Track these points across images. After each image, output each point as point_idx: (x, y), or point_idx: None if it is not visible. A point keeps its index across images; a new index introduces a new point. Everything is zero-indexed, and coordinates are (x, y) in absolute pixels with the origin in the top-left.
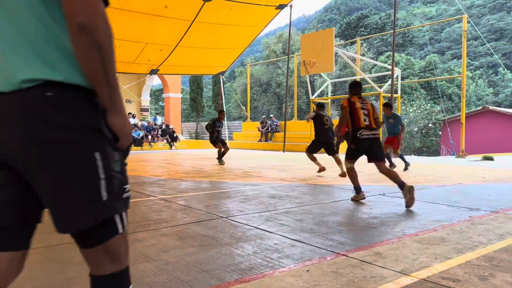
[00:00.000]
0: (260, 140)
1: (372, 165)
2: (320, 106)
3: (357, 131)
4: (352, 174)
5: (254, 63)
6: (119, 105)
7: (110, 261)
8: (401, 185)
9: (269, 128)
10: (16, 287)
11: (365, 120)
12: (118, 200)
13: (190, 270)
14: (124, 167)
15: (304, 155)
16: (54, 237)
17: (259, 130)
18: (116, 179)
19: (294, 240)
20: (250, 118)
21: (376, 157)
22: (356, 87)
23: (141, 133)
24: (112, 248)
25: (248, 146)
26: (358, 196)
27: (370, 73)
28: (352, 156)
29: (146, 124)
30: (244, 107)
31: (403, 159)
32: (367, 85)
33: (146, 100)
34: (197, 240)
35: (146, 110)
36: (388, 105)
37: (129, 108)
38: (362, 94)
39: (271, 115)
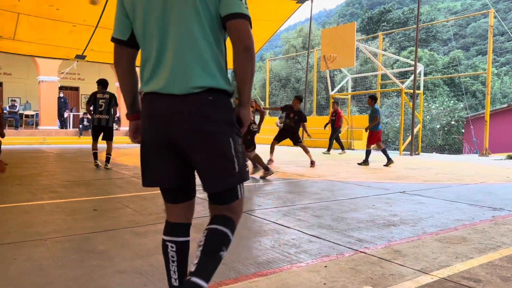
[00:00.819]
0: None
1: (393, 164)
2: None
3: (250, 125)
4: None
5: (273, 57)
6: (250, 102)
7: (231, 212)
8: (265, 168)
9: None
10: (40, 274)
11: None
12: (243, 172)
13: None
14: (242, 149)
15: (320, 150)
16: (76, 227)
17: (277, 126)
18: (240, 157)
19: (312, 235)
20: (269, 113)
21: (251, 145)
22: None
23: None
24: (233, 207)
25: (266, 141)
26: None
27: (392, 68)
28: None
29: None
30: (262, 102)
31: (367, 155)
32: (389, 81)
33: None
34: None
35: None
36: (370, 97)
37: None
38: (384, 90)
39: None
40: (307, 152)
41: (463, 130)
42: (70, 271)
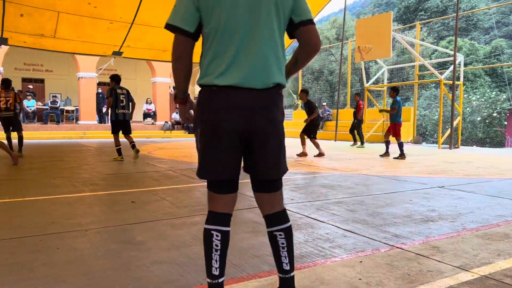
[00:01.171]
0: None
1: (429, 156)
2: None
3: None
4: None
5: None
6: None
7: (282, 201)
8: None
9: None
10: (81, 263)
11: None
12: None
13: (243, 255)
14: None
15: (349, 144)
16: (114, 219)
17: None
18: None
19: (346, 230)
20: (301, 107)
21: None
22: None
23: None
24: (281, 192)
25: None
26: None
27: (430, 59)
28: None
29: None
30: (295, 96)
31: (400, 148)
32: (427, 72)
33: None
34: (249, 226)
35: None
36: (392, 89)
37: None
38: (422, 81)
39: (324, 103)
40: (303, 144)
41: (505, 123)
42: (109, 261)
